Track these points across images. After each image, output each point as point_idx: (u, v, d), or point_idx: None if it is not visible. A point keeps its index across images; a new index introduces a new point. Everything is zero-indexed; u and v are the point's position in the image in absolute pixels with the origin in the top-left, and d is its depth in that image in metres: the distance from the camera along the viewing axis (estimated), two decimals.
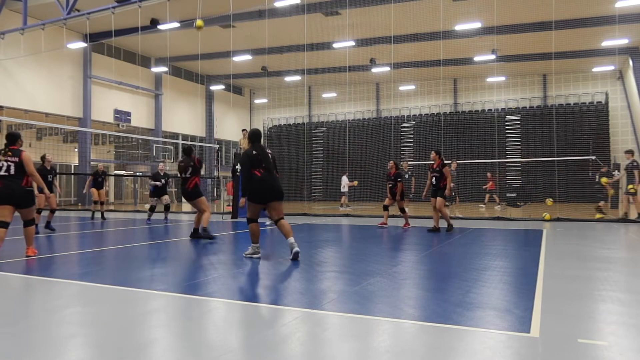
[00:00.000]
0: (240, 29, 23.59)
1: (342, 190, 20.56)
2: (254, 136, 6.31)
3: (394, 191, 11.07)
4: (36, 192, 9.13)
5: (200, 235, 8.45)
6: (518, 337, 2.95)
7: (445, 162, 9.88)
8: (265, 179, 6.01)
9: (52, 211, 10.26)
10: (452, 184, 14.89)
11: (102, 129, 26.27)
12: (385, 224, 11.33)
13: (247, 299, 4.09)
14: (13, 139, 6.28)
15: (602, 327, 3.22)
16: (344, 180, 20.55)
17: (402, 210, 11.33)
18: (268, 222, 10.59)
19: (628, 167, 12.52)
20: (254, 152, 6.10)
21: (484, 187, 21.82)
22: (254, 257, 6.13)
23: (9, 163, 6.01)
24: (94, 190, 13.68)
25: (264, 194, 6.03)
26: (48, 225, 10.14)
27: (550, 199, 20.18)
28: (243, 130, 15.83)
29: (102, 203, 13.78)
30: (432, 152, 10.05)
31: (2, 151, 6.12)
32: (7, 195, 5.99)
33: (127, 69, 28.12)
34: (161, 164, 13.76)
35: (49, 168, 10.35)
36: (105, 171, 13.73)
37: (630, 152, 12.85)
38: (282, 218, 6.13)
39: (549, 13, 19.49)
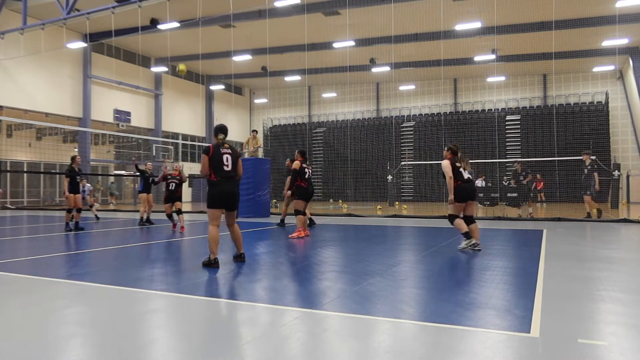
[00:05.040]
0: (240, 29, 23.58)
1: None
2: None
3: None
4: (66, 192, 9.63)
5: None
6: (518, 337, 2.95)
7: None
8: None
9: (78, 210, 10.54)
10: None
11: (102, 129, 26.28)
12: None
13: (247, 299, 4.09)
14: None
15: (602, 327, 3.22)
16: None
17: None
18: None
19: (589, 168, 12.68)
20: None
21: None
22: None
23: None
24: None
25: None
26: (77, 225, 10.49)
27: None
28: (254, 130, 15.71)
29: None
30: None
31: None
32: None
33: (127, 69, 28.11)
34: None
35: (76, 169, 10.58)
36: None
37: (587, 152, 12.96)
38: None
39: (549, 13, 19.48)
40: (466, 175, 6.95)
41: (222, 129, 5.88)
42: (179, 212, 10.60)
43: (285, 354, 2.68)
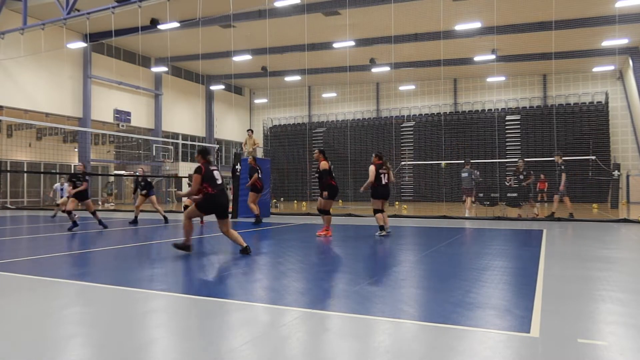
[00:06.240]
0: (240, 29, 23.58)
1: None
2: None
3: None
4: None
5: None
6: (518, 337, 2.95)
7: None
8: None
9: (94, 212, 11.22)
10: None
11: (102, 129, 26.26)
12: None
13: (247, 299, 4.09)
14: None
15: (602, 327, 3.22)
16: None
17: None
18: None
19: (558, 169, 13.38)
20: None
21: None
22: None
23: None
24: None
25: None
26: (100, 222, 11.09)
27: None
28: (248, 130, 15.85)
29: None
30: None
31: None
32: None
33: (127, 69, 28.11)
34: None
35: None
36: None
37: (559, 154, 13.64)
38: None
39: (549, 13, 19.48)
40: (384, 181, 9.06)
41: (209, 151, 7.10)
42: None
43: (285, 354, 2.68)
